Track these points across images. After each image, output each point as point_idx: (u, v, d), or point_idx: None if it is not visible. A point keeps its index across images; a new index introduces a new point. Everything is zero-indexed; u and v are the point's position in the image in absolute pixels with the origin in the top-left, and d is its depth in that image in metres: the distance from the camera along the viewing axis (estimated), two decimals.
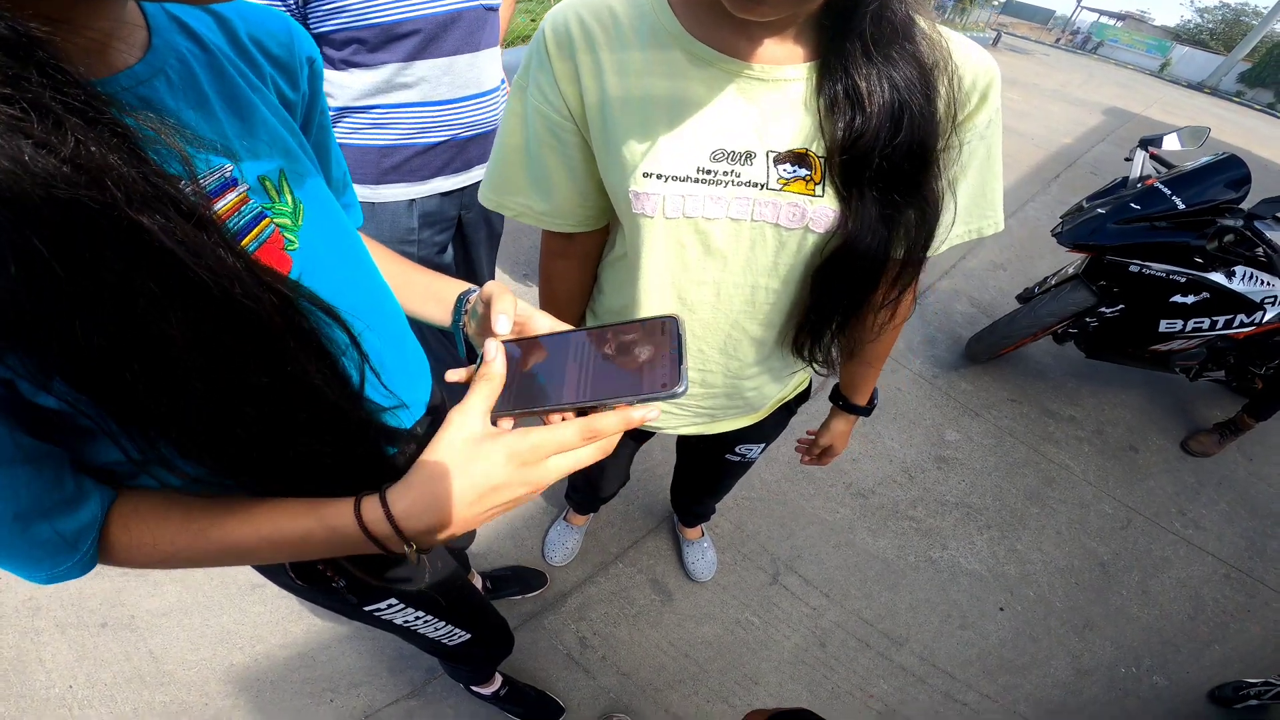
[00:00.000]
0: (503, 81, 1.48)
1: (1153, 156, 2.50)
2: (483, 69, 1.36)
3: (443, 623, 1.02)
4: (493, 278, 1.86)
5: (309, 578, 0.78)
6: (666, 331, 0.48)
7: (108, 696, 1.55)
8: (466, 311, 0.70)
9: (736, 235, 0.72)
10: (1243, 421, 2.67)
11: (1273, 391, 2.58)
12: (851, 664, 1.88)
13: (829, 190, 0.67)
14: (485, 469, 0.47)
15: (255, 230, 0.51)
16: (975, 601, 2.08)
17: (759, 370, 0.91)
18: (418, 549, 0.50)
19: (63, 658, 1.59)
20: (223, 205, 0.48)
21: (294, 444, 0.48)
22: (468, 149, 1.44)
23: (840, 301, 0.77)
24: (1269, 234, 2.23)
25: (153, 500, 0.51)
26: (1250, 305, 2.28)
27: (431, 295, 0.74)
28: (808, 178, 0.67)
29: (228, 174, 0.49)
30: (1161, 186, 2.27)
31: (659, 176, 0.68)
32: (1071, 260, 2.54)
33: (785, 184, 0.68)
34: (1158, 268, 2.24)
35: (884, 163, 0.64)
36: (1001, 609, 2.08)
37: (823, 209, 0.68)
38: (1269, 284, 2.27)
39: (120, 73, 0.44)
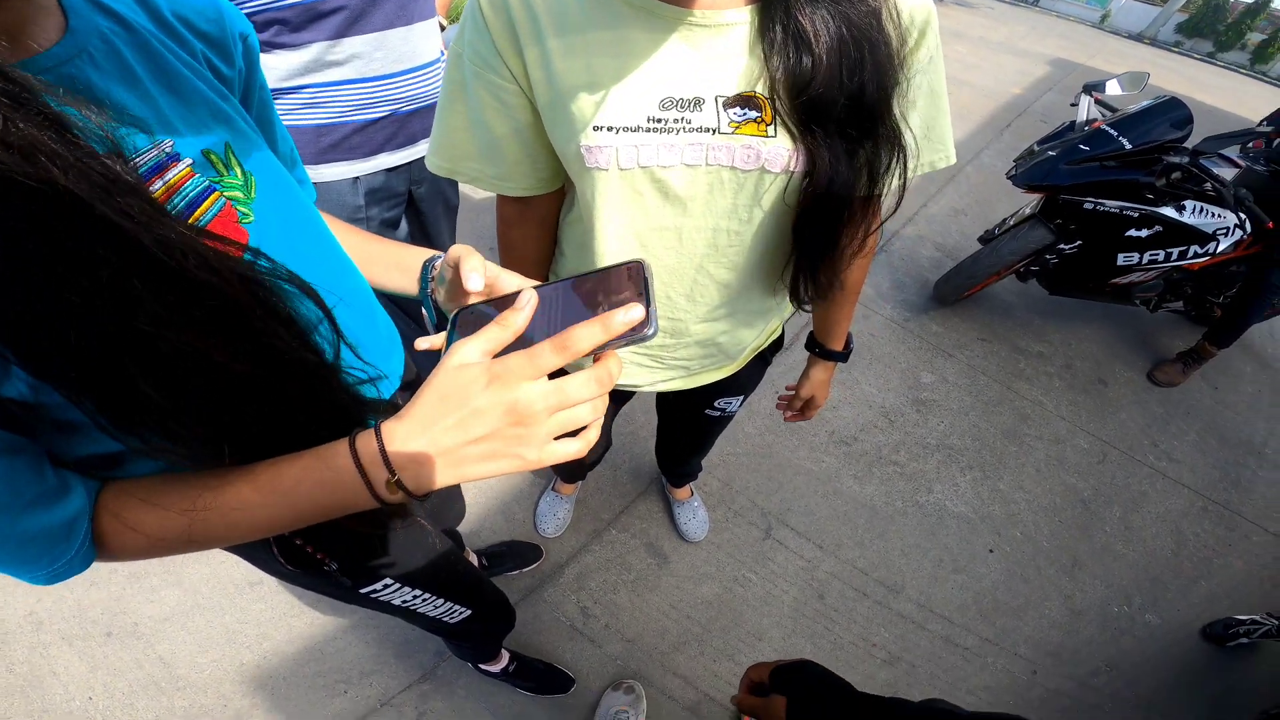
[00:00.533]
0: (441, 54, 1.46)
1: (1097, 101, 2.58)
2: (418, 42, 1.34)
3: (441, 600, 1.02)
4: None
5: (299, 561, 0.77)
6: (633, 276, 0.47)
7: (127, 705, 1.55)
8: (434, 278, 0.68)
9: (693, 181, 0.73)
10: (1204, 350, 2.76)
11: (1231, 319, 2.67)
12: (851, 614, 1.92)
13: (781, 130, 0.68)
14: (463, 392, 0.43)
15: (205, 204, 0.51)
16: (965, 544, 2.13)
17: (728, 315, 0.92)
18: (412, 494, 0.47)
19: (75, 669, 1.59)
20: (166, 180, 0.48)
21: (282, 420, 0.48)
22: (410, 123, 1.42)
23: (813, 240, 0.77)
24: (1215, 170, 2.33)
25: (138, 484, 0.50)
26: (1203, 237, 2.38)
27: (396, 264, 0.74)
28: (758, 119, 0.68)
29: (168, 149, 0.49)
30: (1108, 128, 2.34)
31: (609, 129, 0.68)
32: (1028, 201, 2.61)
33: (737, 127, 0.68)
34: (1111, 204, 2.32)
35: (836, 101, 0.65)
36: (991, 551, 2.13)
37: (776, 148, 0.69)
38: (1220, 216, 2.36)
39: (39, 54, 0.43)
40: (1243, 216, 2.36)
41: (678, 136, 0.69)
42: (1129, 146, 2.28)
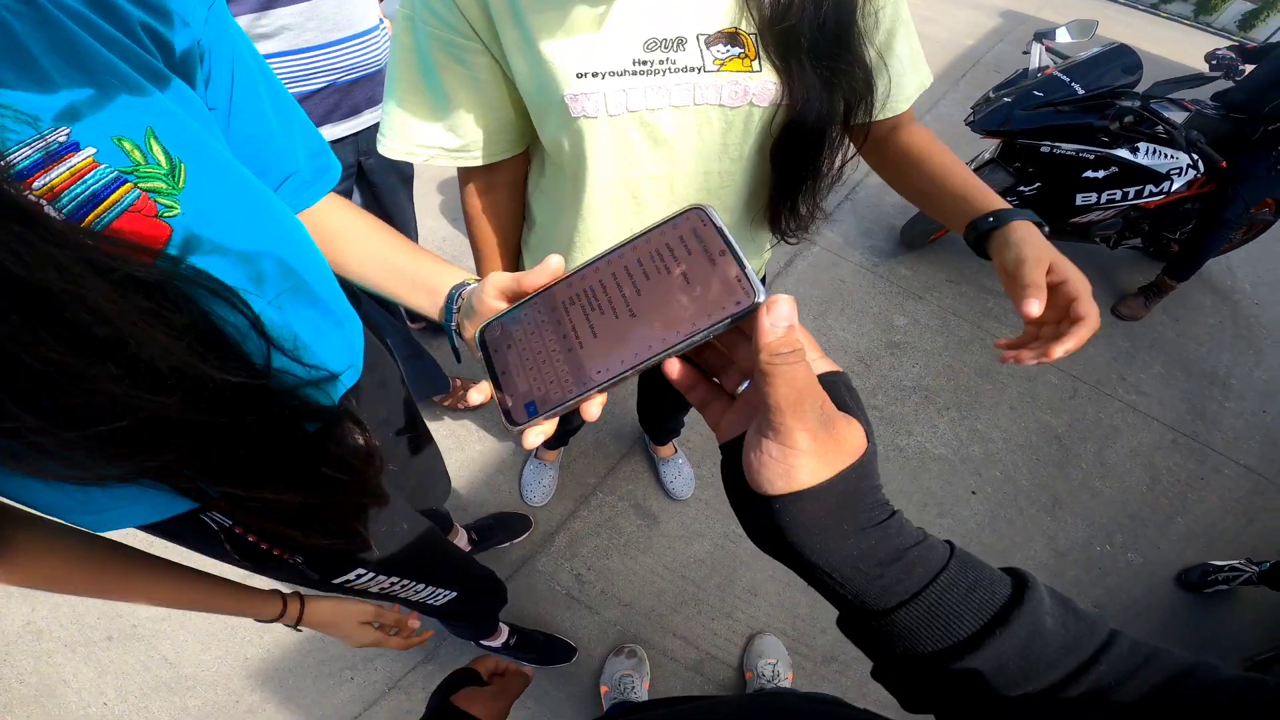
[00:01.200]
0: (381, 21, 1.42)
1: (1048, 49, 2.64)
2: (352, 10, 1.30)
3: (422, 584, 1.00)
4: (414, 223, 1.82)
5: (255, 558, 0.73)
6: (704, 229, 0.35)
7: (142, 708, 1.56)
8: (459, 309, 0.60)
9: (682, 122, 0.72)
10: (1164, 284, 2.85)
11: (1188, 255, 2.75)
12: None
13: (766, 65, 0.68)
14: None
15: (111, 197, 0.46)
16: (948, 487, 2.18)
17: None
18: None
19: (85, 676, 1.59)
20: (55, 174, 0.43)
21: (211, 436, 0.45)
22: (352, 93, 1.39)
23: (794, 170, 0.78)
24: (1166, 113, 2.40)
25: (63, 543, 0.51)
26: (1157, 177, 2.46)
27: (422, 284, 0.65)
28: (742, 55, 0.68)
29: (63, 138, 0.44)
30: (1060, 75, 2.40)
31: (594, 74, 0.66)
32: (987, 146, 2.66)
33: (722, 64, 0.68)
34: (1067, 147, 2.38)
35: (814, 32, 0.65)
36: (973, 492, 2.18)
37: (763, 82, 0.69)
38: (1172, 157, 2.44)
39: None
40: (1194, 157, 2.43)
41: (664, 78, 0.68)
42: (1081, 92, 2.34)
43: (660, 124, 0.71)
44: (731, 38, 0.68)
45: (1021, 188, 2.50)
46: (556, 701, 1.64)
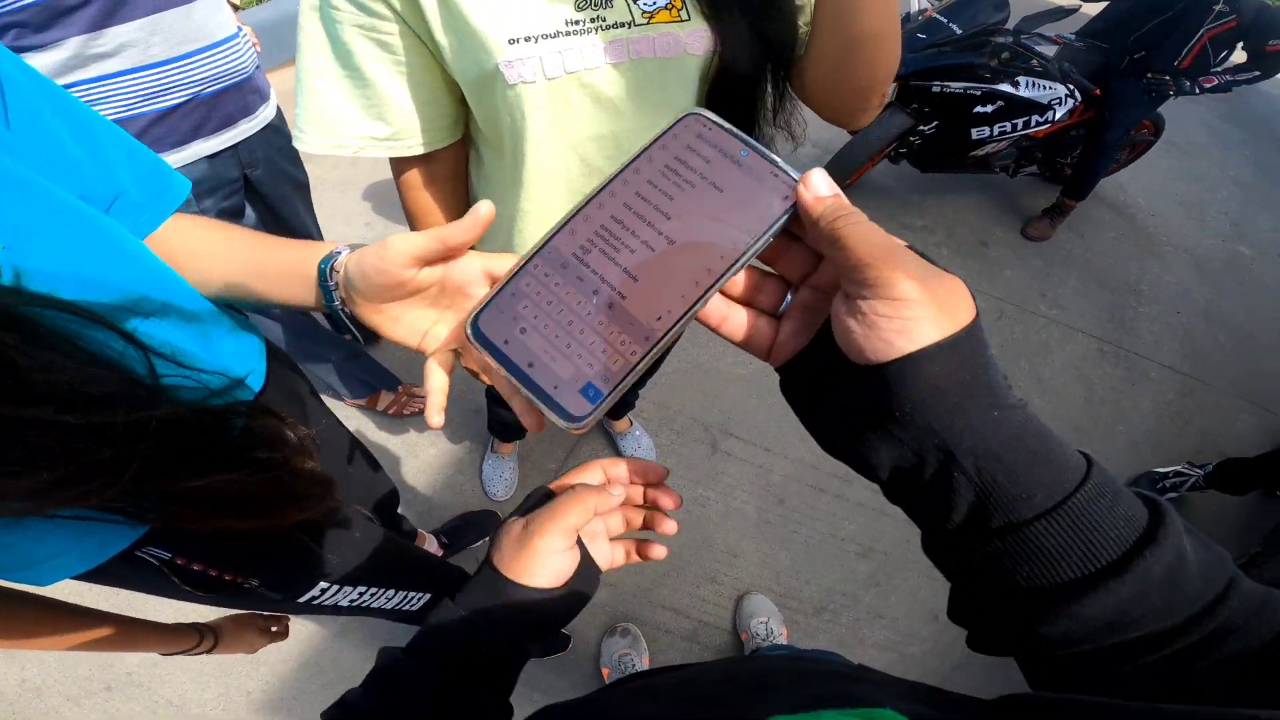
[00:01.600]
0: (239, 29, 1.38)
1: None
2: (202, 20, 1.25)
3: (392, 590, 0.98)
4: (318, 233, 1.76)
5: (207, 587, 0.70)
6: (711, 132, 0.32)
7: None
8: (337, 282, 0.50)
9: (620, 79, 0.71)
10: (1064, 204, 3.04)
11: (1080, 176, 2.95)
12: (813, 512, 1.98)
13: (694, 14, 0.68)
14: None
15: None
16: None
17: None
18: None
19: None
20: None
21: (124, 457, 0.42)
22: (221, 104, 1.34)
23: (741, 118, 0.78)
24: (1037, 47, 2.57)
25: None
26: (1040, 107, 2.63)
27: (292, 273, 0.55)
28: (669, 5, 0.68)
29: None
30: (939, 16, 2.54)
31: (527, 39, 0.64)
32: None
33: (650, 17, 0.67)
34: (955, 85, 2.51)
35: None
36: None
37: (694, 32, 0.69)
38: (1051, 88, 2.61)
39: None
40: (1071, 87, 2.61)
41: (596, 36, 0.67)
42: (959, 32, 2.48)
43: (599, 83, 0.70)
44: None
45: (921, 127, 2.63)
46: (561, 691, 1.61)
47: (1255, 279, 3.30)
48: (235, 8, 1.47)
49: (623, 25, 0.67)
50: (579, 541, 0.45)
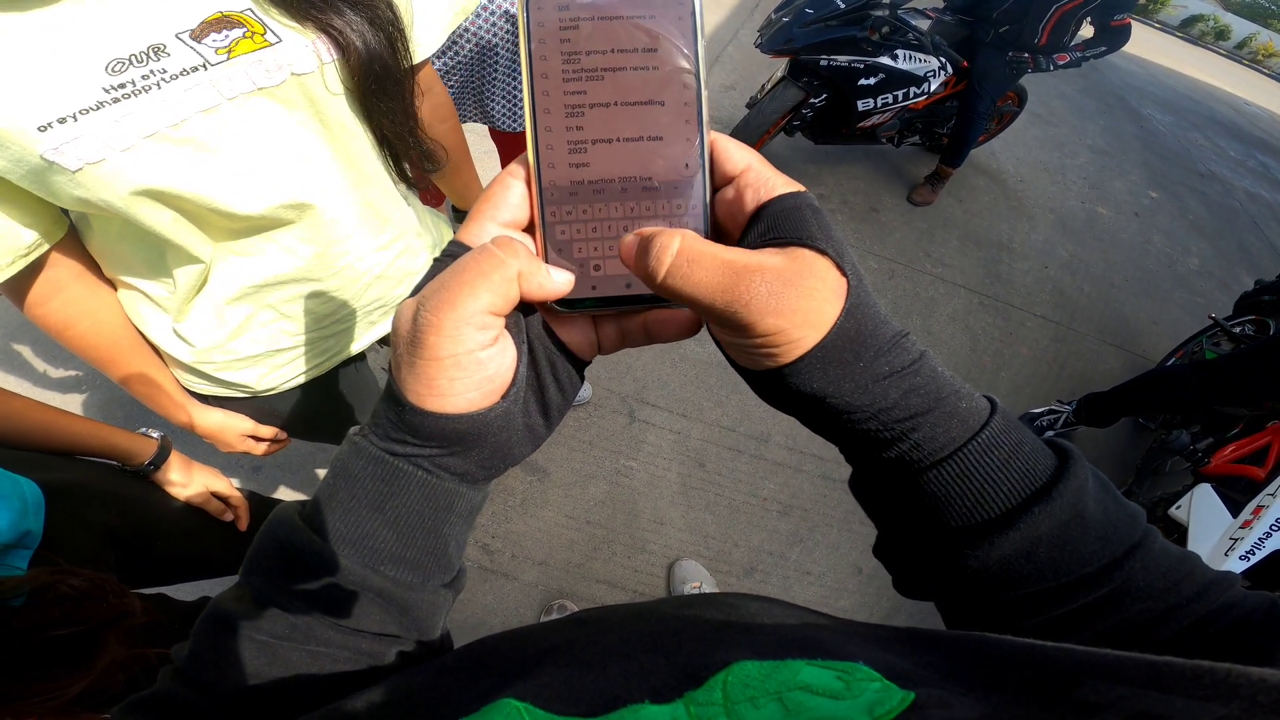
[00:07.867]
0: None
1: None
2: None
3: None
4: None
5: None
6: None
7: None
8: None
9: (233, 124, 0.61)
10: (942, 171, 3.26)
11: (955, 145, 3.16)
12: (733, 474, 2.04)
13: (284, 31, 0.61)
14: None
15: None
16: None
17: (397, 236, 0.87)
18: None
19: None
20: None
21: None
22: None
23: (388, 119, 0.73)
24: (913, 21, 2.74)
25: None
26: (917, 79, 2.79)
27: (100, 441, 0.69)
28: (246, 33, 0.59)
29: None
30: None
31: (61, 120, 0.52)
32: (778, 65, 2.88)
33: (229, 51, 0.58)
34: (840, 59, 2.63)
35: None
36: None
37: (291, 49, 0.62)
38: (925, 61, 2.78)
39: None
40: (943, 60, 2.79)
41: (164, 90, 0.56)
42: (843, 6, 2.59)
43: (205, 136, 0.60)
44: (221, 24, 0.58)
45: (813, 100, 2.74)
46: None
47: (1112, 235, 3.70)
48: None
49: (195, 69, 0.57)
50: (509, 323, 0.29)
